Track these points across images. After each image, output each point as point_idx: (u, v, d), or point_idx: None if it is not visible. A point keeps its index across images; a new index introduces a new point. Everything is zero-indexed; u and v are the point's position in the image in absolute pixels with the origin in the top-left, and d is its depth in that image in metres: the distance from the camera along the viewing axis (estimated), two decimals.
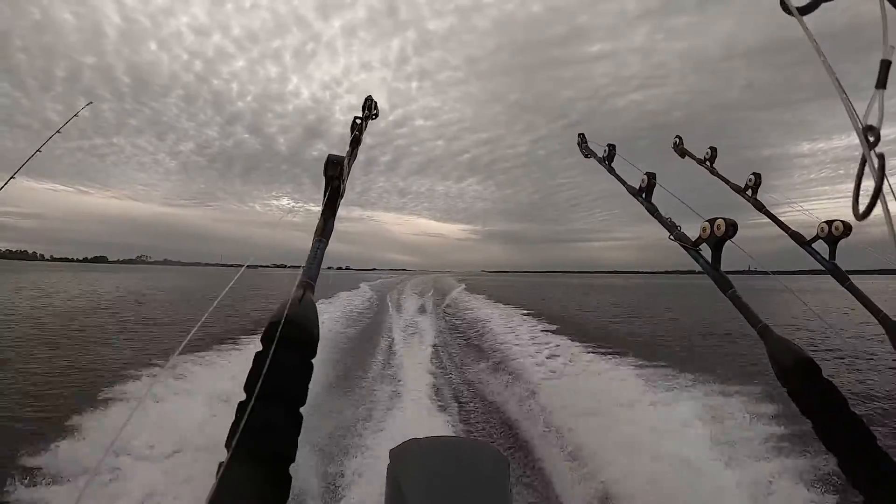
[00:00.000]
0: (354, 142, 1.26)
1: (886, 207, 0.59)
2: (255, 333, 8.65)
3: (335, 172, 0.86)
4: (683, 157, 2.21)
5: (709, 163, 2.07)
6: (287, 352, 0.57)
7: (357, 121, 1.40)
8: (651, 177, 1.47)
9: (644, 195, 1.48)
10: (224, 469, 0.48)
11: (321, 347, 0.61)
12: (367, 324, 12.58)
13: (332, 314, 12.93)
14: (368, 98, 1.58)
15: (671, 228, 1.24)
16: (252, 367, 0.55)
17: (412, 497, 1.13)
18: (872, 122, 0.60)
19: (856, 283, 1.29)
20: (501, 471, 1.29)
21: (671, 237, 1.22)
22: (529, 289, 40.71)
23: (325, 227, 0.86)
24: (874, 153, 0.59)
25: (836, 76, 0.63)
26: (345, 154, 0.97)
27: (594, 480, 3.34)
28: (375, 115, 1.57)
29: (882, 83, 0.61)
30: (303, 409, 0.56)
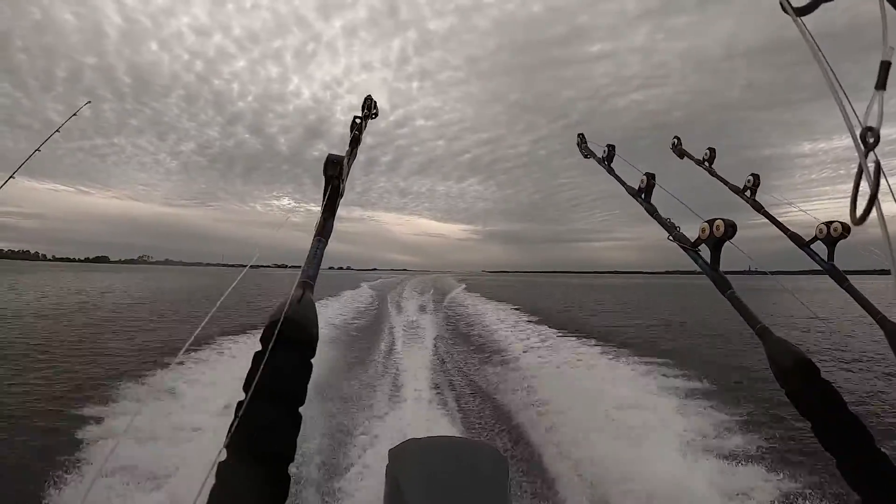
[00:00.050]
0: (354, 141, 1.25)
1: (881, 214, 0.60)
2: (255, 332, 8.67)
3: (335, 172, 0.86)
4: (682, 158, 2.20)
5: (707, 163, 2.06)
6: (286, 351, 0.56)
7: (357, 120, 1.39)
8: (650, 177, 1.47)
9: (643, 196, 1.48)
10: (223, 468, 0.48)
11: (321, 347, 0.60)
12: (367, 323, 12.58)
13: (333, 314, 12.94)
14: (368, 97, 1.57)
15: (670, 229, 1.23)
16: (251, 367, 0.55)
17: (411, 497, 1.12)
18: (872, 124, 0.60)
19: (854, 284, 1.29)
20: (501, 471, 1.29)
21: (670, 238, 1.22)
22: (530, 289, 40.76)
23: (325, 227, 0.86)
24: (873, 154, 0.59)
25: (835, 79, 0.63)
26: (344, 154, 0.97)
27: (594, 480, 3.35)
28: (375, 115, 1.57)
29: (882, 84, 0.61)
30: (302, 409, 0.56)
